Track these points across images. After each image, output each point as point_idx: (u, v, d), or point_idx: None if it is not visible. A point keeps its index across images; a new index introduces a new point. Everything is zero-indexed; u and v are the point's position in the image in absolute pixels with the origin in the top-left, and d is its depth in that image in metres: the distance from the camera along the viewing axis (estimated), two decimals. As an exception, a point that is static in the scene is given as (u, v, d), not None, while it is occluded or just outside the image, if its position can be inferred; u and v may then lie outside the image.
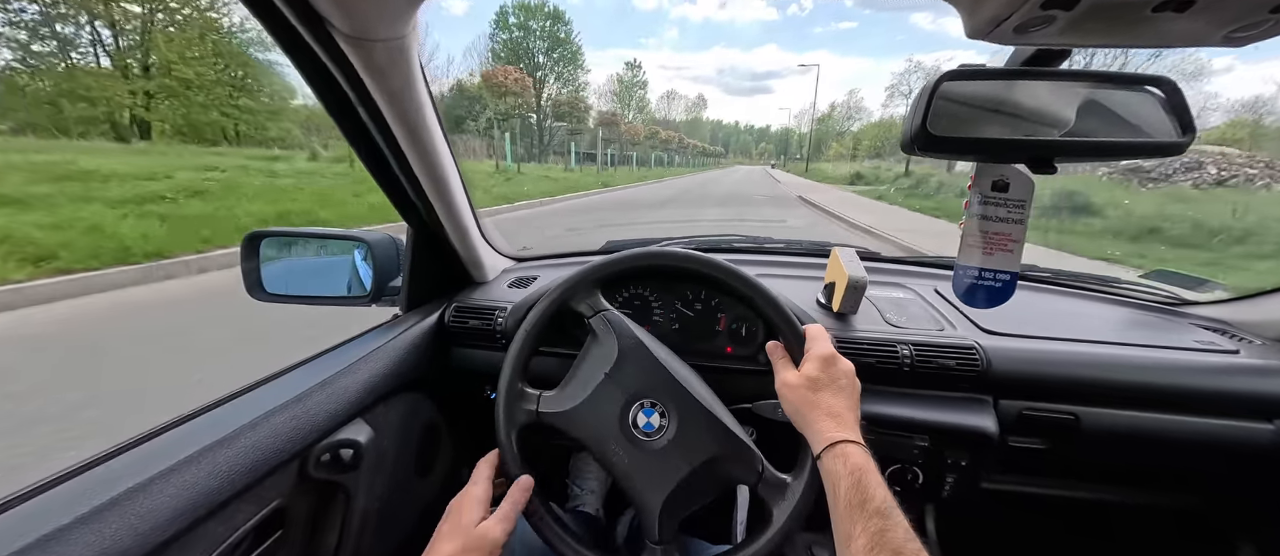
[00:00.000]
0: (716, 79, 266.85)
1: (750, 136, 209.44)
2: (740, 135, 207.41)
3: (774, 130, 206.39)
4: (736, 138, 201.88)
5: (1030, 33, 0.43)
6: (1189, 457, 0.86)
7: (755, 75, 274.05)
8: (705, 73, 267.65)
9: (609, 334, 0.72)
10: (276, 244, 1.02)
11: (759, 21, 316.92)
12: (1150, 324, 0.99)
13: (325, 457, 0.68)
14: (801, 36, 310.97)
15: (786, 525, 0.66)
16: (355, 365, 0.78)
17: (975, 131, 0.52)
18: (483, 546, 0.59)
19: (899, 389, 0.88)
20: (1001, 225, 0.64)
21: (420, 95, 0.70)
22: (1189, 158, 11.89)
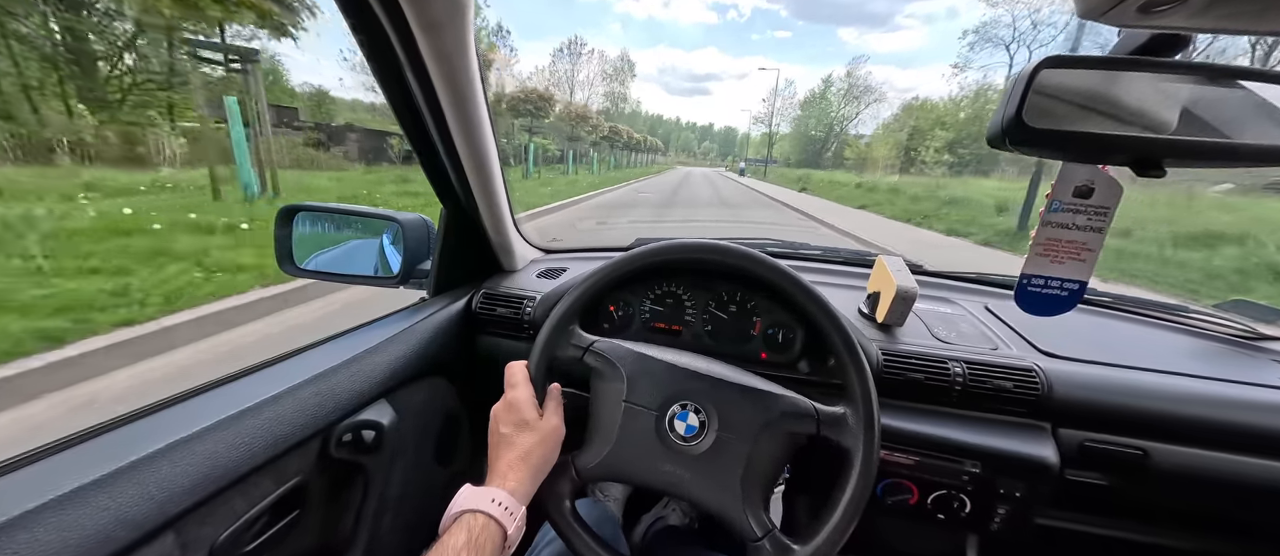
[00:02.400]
0: (657, 77, 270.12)
1: (692, 133, 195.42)
2: (681, 132, 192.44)
3: (717, 128, 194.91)
4: (677, 134, 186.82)
5: (1156, 13, 0.38)
6: (1268, 505, 0.79)
7: (695, 76, 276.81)
8: (647, 71, 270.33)
9: (607, 364, 0.67)
10: (310, 218, 1.02)
11: (700, 24, 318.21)
12: (1227, 356, 0.91)
13: (347, 437, 0.65)
14: (740, 42, 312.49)
15: (868, 451, 0.61)
16: (381, 346, 0.76)
17: (1073, 125, 0.47)
18: (556, 436, 0.63)
19: (949, 409, 0.82)
20: (1078, 233, 0.59)
21: (471, 63, 0.68)
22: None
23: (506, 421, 0.61)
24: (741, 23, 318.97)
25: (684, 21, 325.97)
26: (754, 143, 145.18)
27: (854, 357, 0.64)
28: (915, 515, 0.84)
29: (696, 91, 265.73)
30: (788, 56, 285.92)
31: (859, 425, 0.62)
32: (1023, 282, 0.64)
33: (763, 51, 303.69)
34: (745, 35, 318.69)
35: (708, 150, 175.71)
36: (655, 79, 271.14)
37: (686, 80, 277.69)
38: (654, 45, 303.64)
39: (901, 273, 0.92)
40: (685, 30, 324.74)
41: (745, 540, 0.61)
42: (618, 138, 35.06)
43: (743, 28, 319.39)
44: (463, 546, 0.48)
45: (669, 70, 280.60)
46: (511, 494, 0.55)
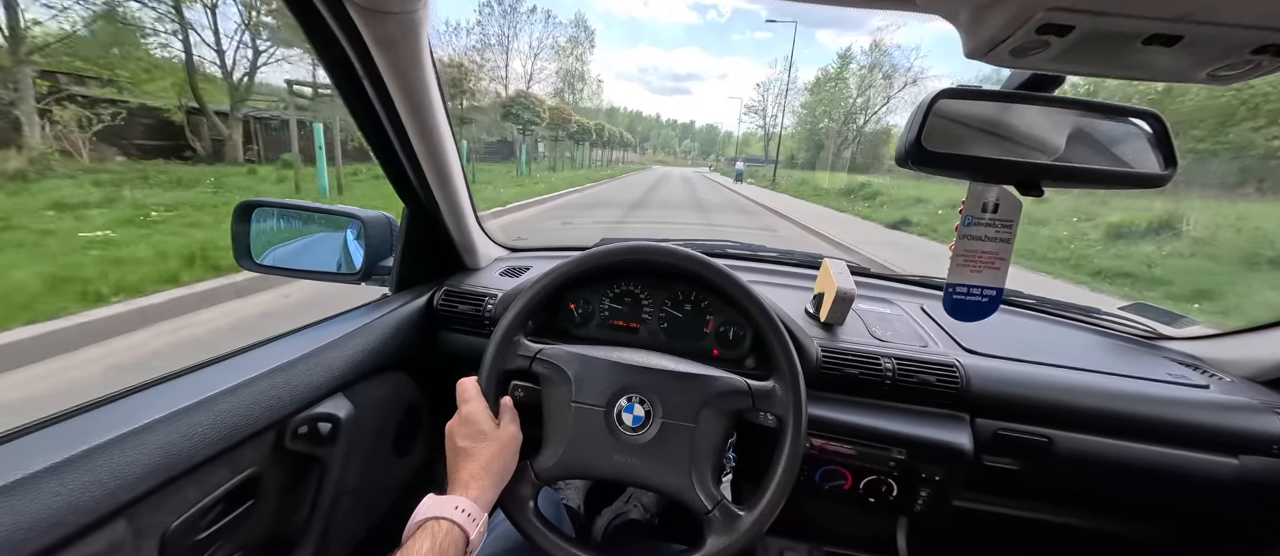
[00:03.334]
0: (639, 76, 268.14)
1: (673, 132, 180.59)
2: (661, 129, 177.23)
3: (699, 127, 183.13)
4: (657, 132, 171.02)
5: (1026, 57, 0.44)
6: (1156, 487, 0.89)
7: (676, 76, 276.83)
8: (628, 69, 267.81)
9: (554, 369, 0.71)
10: (269, 214, 1.02)
11: (681, 23, 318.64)
12: (1126, 354, 1.01)
13: (303, 429, 0.67)
14: (720, 42, 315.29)
15: (798, 420, 0.67)
16: (340, 341, 0.78)
17: (968, 150, 0.53)
18: (515, 443, 0.67)
19: (880, 401, 0.89)
20: (990, 244, 0.66)
21: (426, 73, 0.71)
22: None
23: (463, 434, 0.64)
24: (721, 23, 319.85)
25: (664, 21, 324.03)
26: (737, 141, 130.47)
27: (779, 338, 0.70)
28: (848, 500, 0.91)
29: (677, 91, 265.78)
30: (765, 56, 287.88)
31: (788, 394, 0.68)
32: (948, 292, 0.70)
33: (742, 52, 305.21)
34: (725, 35, 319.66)
35: (689, 149, 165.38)
36: (637, 78, 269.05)
37: (668, 79, 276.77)
38: (635, 44, 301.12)
39: (843, 275, 0.99)
40: (666, 29, 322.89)
41: (697, 513, 0.67)
42: (566, 125, 26.95)
43: (723, 28, 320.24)
44: (427, 552, 0.51)
45: (650, 69, 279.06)
46: (475, 501, 0.58)
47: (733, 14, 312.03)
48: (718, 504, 0.65)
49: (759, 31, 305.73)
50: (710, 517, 0.65)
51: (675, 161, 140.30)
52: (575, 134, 30.39)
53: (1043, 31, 0.39)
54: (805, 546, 1.13)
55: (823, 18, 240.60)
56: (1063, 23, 0.37)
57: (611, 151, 50.92)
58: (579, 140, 33.66)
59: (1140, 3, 0.35)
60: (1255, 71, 0.39)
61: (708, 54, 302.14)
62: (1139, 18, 0.36)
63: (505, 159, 27.68)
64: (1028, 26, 0.38)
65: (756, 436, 0.76)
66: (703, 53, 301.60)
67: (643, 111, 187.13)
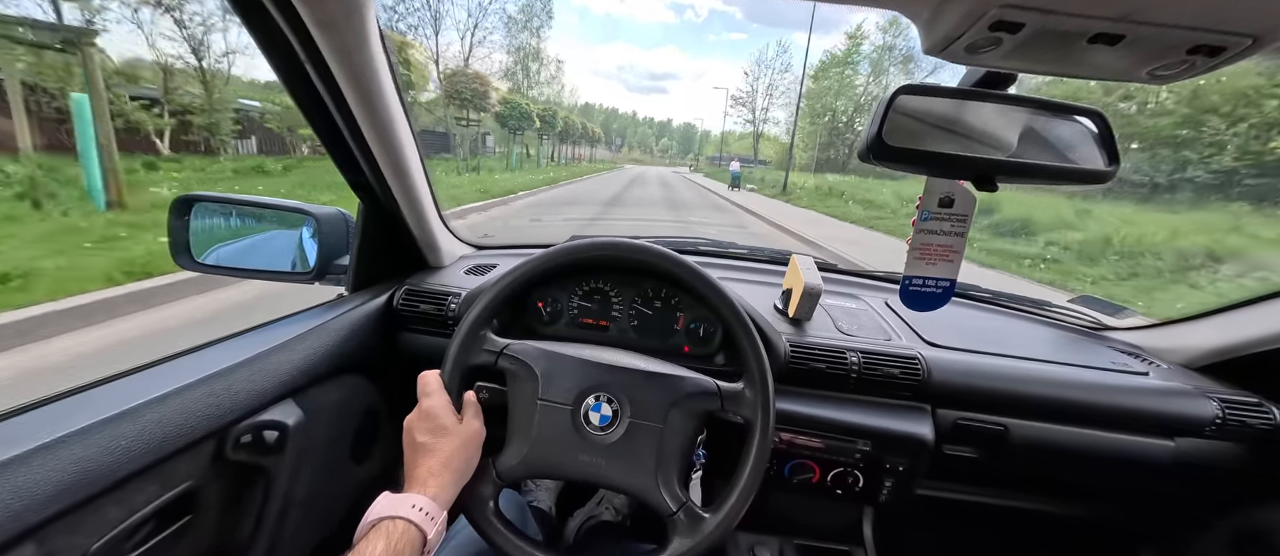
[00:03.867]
0: (616, 74, 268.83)
1: (650, 129, 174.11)
2: (638, 127, 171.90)
3: (676, 125, 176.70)
4: (634, 129, 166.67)
5: (980, 54, 0.44)
6: (1102, 470, 0.93)
7: (654, 75, 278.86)
8: (606, 68, 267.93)
9: (521, 365, 0.69)
10: (211, 210, 0.95)
11: (659, 22, 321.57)
12: (1074, 344, 1.06)
13: (246, 439, 0.63)
14: (697, 42, 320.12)
15: (766, 422, 0.67)
16: (289, 343, 0.73)
17: (927, 145, 0.54)
18: (477, 439, 0.64)
19: (846, 395, 0.91)
20: (945, 238, 0.68)
21: (375, 59, 0.67)
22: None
23: (423, 429, 0.61)
24: (698, 23, 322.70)
25: (642, 19, 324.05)
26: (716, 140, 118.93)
27: (749, 338, 0.69)
28: (817, 492, 0.92)
29: (654, 90, 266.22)
30: (742, 56, 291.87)
31: (756, 396, 0.68)
32: (905, 283, 0.72)
33: (719, 52, 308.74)
34: (702, 36, 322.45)
35: (666, 147, 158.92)
36: (614, 76, 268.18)
37: (645, 78, 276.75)
38: (612, 41, 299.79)
39: (810, 271, 1.00)
40: (644, 27, 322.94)
41: (661, 515, 0.66)
42: (513, 113, 22.27)
43: (700, 28, 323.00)
44: (381, 553, 0.48)
45: (628, 68, 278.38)
46: (433, 499, 0.55)
47: (709, 14, 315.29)
48: (682, 506, 0.65)
49: (734, 32, 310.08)
50: (674, 519, 0.64)
51: (652, 160, 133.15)
52: (530, 125, 24.78)
53: (995, 28, 0.39)
54: (776, 540, 1.15)
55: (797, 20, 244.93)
56: (1014, 20, 0.38)
57: (576, 147, 44.15)
58: (542, 133, 29.03)
59: (1085, 2, 0.36)
60: (1190, 71, 0.41)
61: (685, 54, 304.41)
62: (1084, 17, 0.37)
63: (437, 152, 22.52)
64: (981, 23, 0.39)
65: (727, 432, 0.75)
66: (680, 52, 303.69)
67: (619, 108, 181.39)
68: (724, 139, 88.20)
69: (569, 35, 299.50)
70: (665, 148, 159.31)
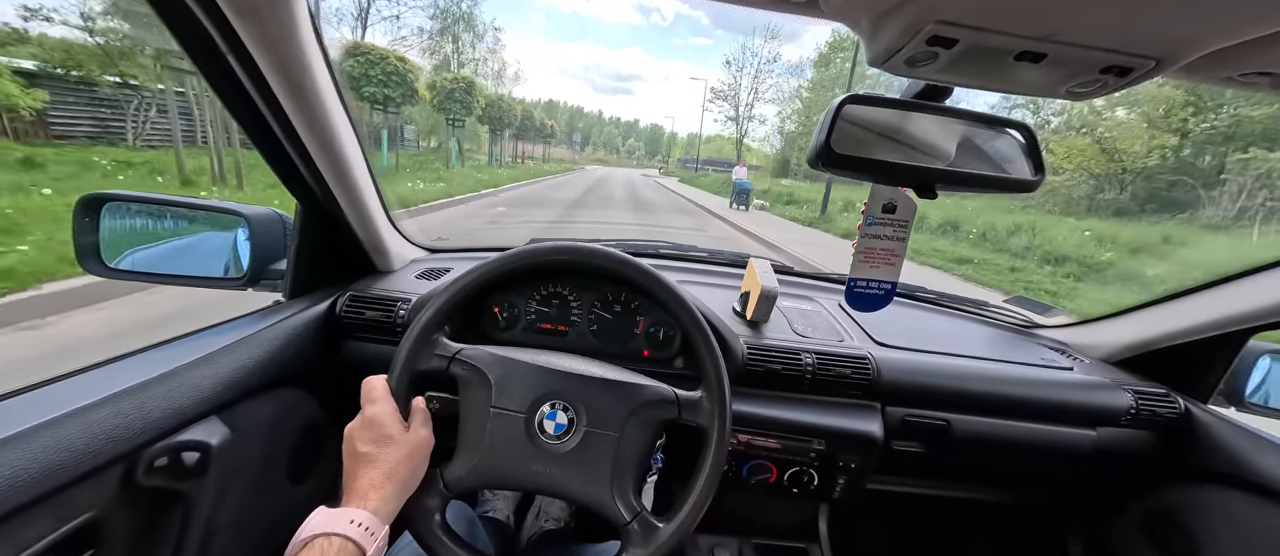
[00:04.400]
0: (583, 74, 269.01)
1: (616, 129, 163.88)
2: (604, 127, 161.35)
3: (643, 126, 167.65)
4: (599, 128, 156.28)
5: (919, 67, 0.46)
6: (1032, 459, 1.00)
7: (620, 76, 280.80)
8: (572, 67, 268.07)
9: (474, 372, 0.67)
10: (126, 210, 0.87)
11: (625, 24, 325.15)
12: (1008, 342, 1.13)
13: (161, 462, 0.57)
14: (663, 44, 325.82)
15: (721, 431, 0.66)
16: (214, 356, 0.67)
17: (872, 153, 0.56)
18: (425, 448, 0.61)
19: (801, 395, 0.93)
20: (887, 242, 0.71)
21: (305, 49, 0.62)
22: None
23: (366, 438, 0.58)
24: (664, 26, 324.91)
25: (609, 19, 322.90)
26: (681, 143, 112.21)
27: (707, 345, 0.69)
28: (775, 491, 0.94)
29: (620, 90, 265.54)
30: (708, 61, 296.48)
31: (714, 405, 0.68)
32: (850, 285, 0.74)
33: (684, 56, 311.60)
34: (668, 39, 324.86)
35: (633, 149, 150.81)
36: (581, 75, 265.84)
37: (611, 79, 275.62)
38: (579, 39, 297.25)
39: (767, 274, 1.02)
40: (611, 28, 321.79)
41: (615, 525, 0.64)
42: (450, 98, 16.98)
43: (666, 31, 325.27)
44: None
45: (594, 68, 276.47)
46: (373, 513, 0.52)
47: (675, 18, 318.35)
48: (637, 515, 0.64)
49: (700, 37, 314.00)
50: (629, 529, 0.63)
51: (618, 161, 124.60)
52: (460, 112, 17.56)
53: (932, 43, 0.41)
54: (735, 541, 1.16)
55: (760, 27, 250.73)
56: (949, 36, 0.39)
57: (519, 142, 32.94)
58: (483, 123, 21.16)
59: (1012, 22, 0.38)
60: (1104, 89, 0.44)
61: (651, 56, 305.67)
62: (1011, 35, 0.39)
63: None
64: (919, 38, 0.40)
65: (685, 436, 0.75)
66: (646, 54, 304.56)
67: (584, 107, 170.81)
68: (696, 140, 77.98)
69: (535, 32, 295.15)
70: (632, 148, 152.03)
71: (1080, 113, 15.71)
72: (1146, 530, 1.02)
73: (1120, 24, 0.36)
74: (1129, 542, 1.04)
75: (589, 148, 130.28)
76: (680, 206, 16.07)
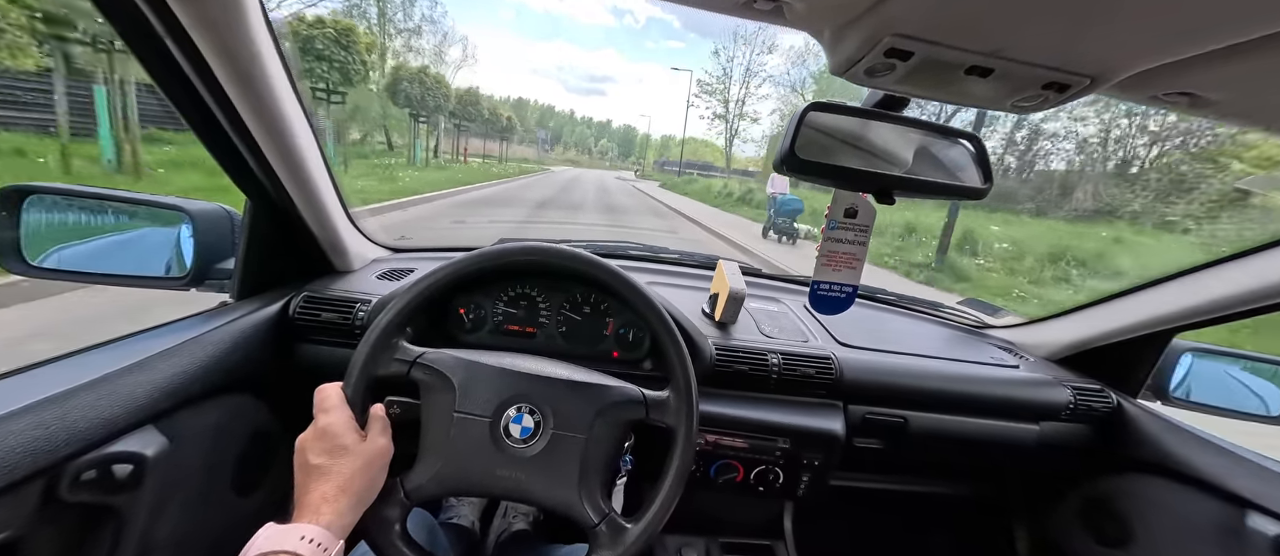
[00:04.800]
0: (556, 73, 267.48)
1: (589, 129, 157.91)
2: (576, 126, 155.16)
3: (617, 127, 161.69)
4: (571, 128, 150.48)
5: (877, 77, 0.48)
6: (982, 453, 1.05)
7: (593, 76, 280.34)
8: (545, 66, 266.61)
9: (436, 376, 0.65)
10: (52, 204, 0.80)
11: (599, 25, 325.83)
12: (961, 341, 1.19)
13: (88, 475, 0.53)
14: (636, 47, 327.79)
15: (689, 430, 0.66)
16: (151, 361, 0.63)
17: (834, 159, 0.57)
18: (383, 457, 0.59)
19: (767, 394, 0.95)
20: (849, 246, 0.73)
21: (253, 33, 0.59)
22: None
23: (318, 450, 0.55)
24: (637, 29, 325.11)
25: (583, 20, 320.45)
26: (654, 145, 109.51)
27: (674, 344, 0.70)
28: (741, 490, 0.95)
29: (593, 91, 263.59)
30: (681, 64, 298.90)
31: (681, 404, 0.68)
32: (814, 288, 0.76)
33: (658, 59, 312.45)
34: (641, 42, 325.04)
35: (606, 149, 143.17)
36: (554, 75, 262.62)
37: (584, 79, 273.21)
38: (552, 38, 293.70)
39: (735, 276, 1.04)
40: (584, 29, 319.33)
41: (583, 527, 0.64)
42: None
43: (639, 34, 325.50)
44: None
45: (567, 68, 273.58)
46: (326, 528, 0.50)
47: (648, 22, 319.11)
48: (605, 517, 0.64)
49: (673, 41, 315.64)
50: (597, 531, 0.63)
51: (589, 162, 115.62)
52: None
53: (889, 55, 0.42)
54: (702, 540, 1.17)
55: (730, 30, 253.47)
56: (905, 48, 0.41)
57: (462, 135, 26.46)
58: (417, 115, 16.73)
59: (962, 37, 0.40)
60: (1045, 104, 0.47)
61: (624, 58, 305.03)
62: (961, 50, 0.41)
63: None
64: (877, 49, 0.42)
65: (654, 436, 0.75)
66: (619, 55, 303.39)
67: (556, 106, 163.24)
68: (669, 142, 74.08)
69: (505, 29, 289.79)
70: (604, 149, 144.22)
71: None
72: (1083, 517, 1.09)
73: (1058, 44, 0.39)
74: (1068, 529, 1.11)
75: (559, 147, 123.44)
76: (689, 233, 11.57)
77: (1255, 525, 0.80)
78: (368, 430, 0.60)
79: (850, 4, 0.39)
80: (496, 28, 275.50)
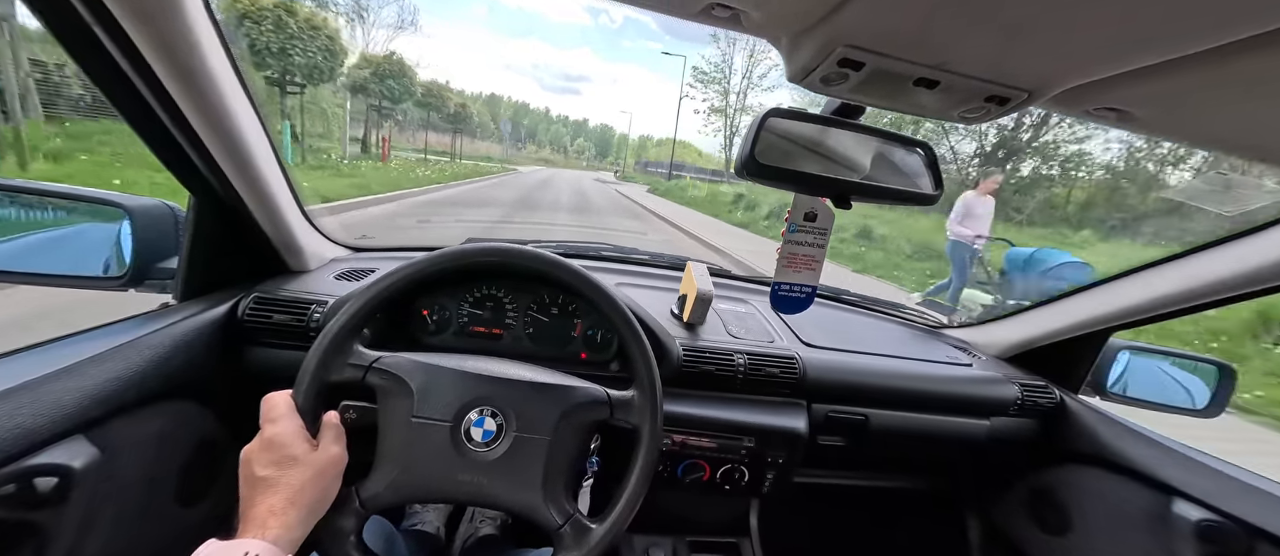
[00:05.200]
0: (531, 71, 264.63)
1: (564, 128, 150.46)
2: (552, 124, 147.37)
3: (593, 126, 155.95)
4: (546, 126, 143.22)
5: (832, 86, 0.49)
6: (937, 448, 1.09)
7: (568, 76, 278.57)
8: (520, 63, 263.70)
9: (393, 381, 0.63)
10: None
11: (574, 24, 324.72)
12: (919, 341, 1.23)
13: (6, 490, 0.50)
14: (613, 47, 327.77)
15: (654, 428, 0.67)
16: (79, 367, 0.59)
17: (794, 165, 0.59)
18: (336, 467, 0.57)
19: (733, 394, 0.96)
20: (808, 249, 0.75)
21: (191, 23, 0.56)
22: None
23: (265, 461, 0.53)
24: (613, 29, 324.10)
25: (556, 18, 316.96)
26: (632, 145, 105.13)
27: (639, 344, 0.70)
28: (708, 489, 0.96)
29: (568, 91, 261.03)
30: (658, 67, 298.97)
31: (645, 403, 0.68)
32: (775, 288, 0.77)
33: (634, 59, 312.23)
34: (618, 41, 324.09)
35: (583, 149, 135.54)
36: (529, 73, 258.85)
37: (559, 78, 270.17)
38: (526, 36, 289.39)
39: (703, 277, 1.05)
40: (558, 27, 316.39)
41: (547, 530, 0.63)
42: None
43: (615, 33, 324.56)
44: None
45: (542, 66, 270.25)
46: (274, 543, 0.48)
47: (624, 21, 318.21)
48: (569, 518, 0.63)
49: (651, 41, 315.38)
50: (561, 533, 0.63)
51: (564, 162, 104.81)
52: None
53: (842, 64, 0.44)
54: (669, 540, 1.18)
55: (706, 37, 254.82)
56: (856, 58, 0.43)
57: (380, 125, 21.29)
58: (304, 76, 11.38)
59: (908, 50, 0.41)
60: (988, 115, 0.49)
61: (600, 58, 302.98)
62: (908, 62, 0.42)
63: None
64: (831, 59, 0.43)
65: (620, 437, 0.75)
66: (595, 55, 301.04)
67: (531, 104, 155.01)
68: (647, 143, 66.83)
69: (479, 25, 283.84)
70: (581, 148, 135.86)
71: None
72: (1028, 507, 1.15)
73: (996, 59, 0.41)
74: (1014, 519, 1.17)
75: (532, 145, 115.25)
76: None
77: (1180, 511, 0.86)
78: (320, 438, 0.58)
79: (804, 14, 0.40)
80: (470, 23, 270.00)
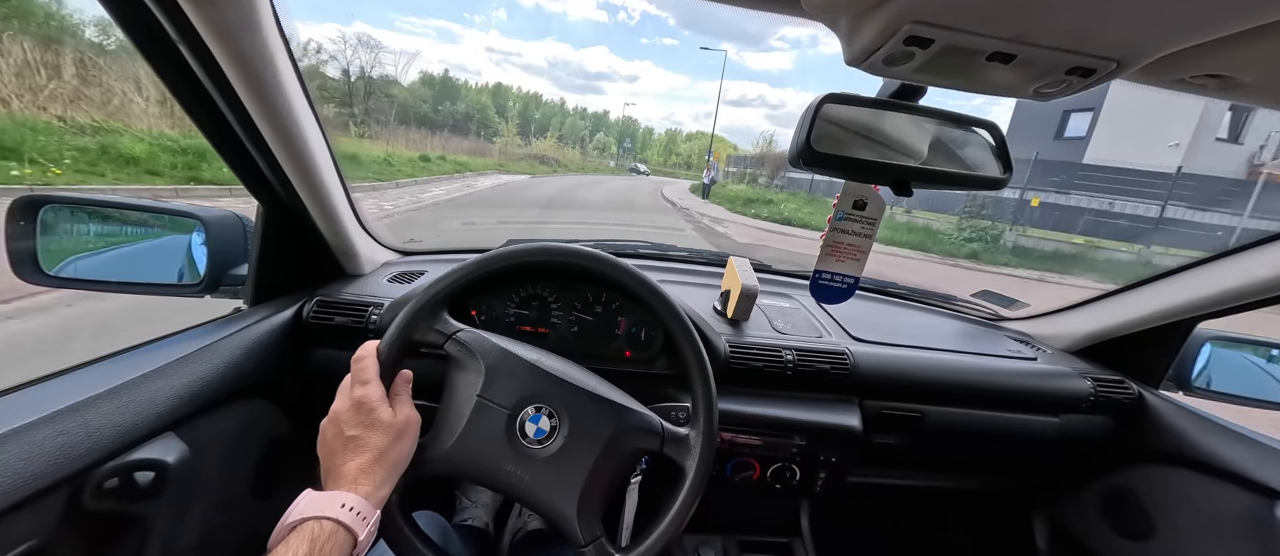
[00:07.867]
0: (547, 70, 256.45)
1: (583, 121, 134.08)
2: (569, 118, 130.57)
3: (614, 118, 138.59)
4: (563, 120, 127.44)
5: (896, 66, 0.47)
6: (1002, 446, 1.03)
7: (587, 74, 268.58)
8: (536, 63, 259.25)
9: (468, 355, 0.65)
10: (66, 213, 0.81)
11: (591, 22, 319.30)
12: (976, 334, 1.17)
13: (111, 484, 0.53)
14: (629, 44, 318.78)
15: (700, 474, 0.65)
16: (169, 368, 0.63)
17: (850, 152, 0.56)
18: (414, 428, 0.59)
19: (782, 391, 0.94)
20: (854, 238, 0.72)
21: (266, 38, 0.59)
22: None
23: (355, 422, 0.55)
24: (631, 26, 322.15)
25: (574, 16, 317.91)
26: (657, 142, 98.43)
27: (705, 386, 0.68)
28: (758, 488, 0.95)
29: (589, 89, 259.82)
30: (673, 64, 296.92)
31: (698, 446, 0.66)
32: (815, 277, 0.75)
33: (651, 56, 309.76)
34: (635, 38, 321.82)
35: (604, 144, 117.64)
36: (546, 72, 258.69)
37: (578, 76, 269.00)
38: (543, 37, 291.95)
39: (747, 272, 1.03)
40: (575, 26, 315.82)
41: (572, 545, 0.63)
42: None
43: (632, 31, 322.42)
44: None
45: (560, 64, 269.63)
46: (365, 498, 0.50)
47: (642, 17, 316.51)
48: (595, 540, 0.62)
49: (667, 38, 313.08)
50: (582, 552, 0.62)
51: (582, 164, 64.77)
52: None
53: (909, 43, 0.42)
54: (719, 539, 1.16)
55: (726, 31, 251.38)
56: (924, 36, 0.40)
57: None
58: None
59: (984, 23, 0.39)
60: (1069, 89, 0.46)
61: (618, 55, 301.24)
62: (983, 36, 0.40)
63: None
64: (897, 37, 0.41)
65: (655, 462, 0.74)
66: (612, 53, 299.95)
67: (543, 96, 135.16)
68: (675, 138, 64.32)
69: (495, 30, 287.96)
70: (602, 143, 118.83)
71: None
72: (1104, 509, 1.07)
73: (1083, 27, 0.38)
74: (1088, 521, 1.10)
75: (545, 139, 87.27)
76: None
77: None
78: (395, 401, 0.60)
79: None
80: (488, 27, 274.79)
